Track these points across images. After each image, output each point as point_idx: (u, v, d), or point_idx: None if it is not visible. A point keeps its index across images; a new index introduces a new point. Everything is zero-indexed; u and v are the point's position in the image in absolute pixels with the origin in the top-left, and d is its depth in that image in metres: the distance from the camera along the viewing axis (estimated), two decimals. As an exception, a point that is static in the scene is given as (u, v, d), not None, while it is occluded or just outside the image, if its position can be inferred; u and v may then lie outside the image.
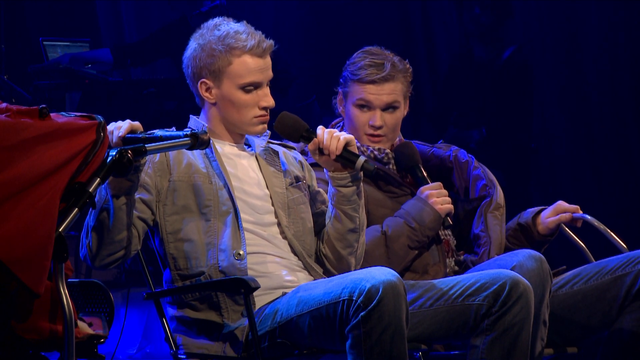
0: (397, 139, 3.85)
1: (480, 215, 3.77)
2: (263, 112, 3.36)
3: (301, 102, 6.50)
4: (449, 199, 3.66)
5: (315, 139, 3.33)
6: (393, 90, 3.75)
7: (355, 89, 3.75)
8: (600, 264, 3.60)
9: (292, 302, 3.11)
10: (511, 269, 3.30)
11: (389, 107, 3.76)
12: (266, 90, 3.37)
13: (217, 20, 3.42)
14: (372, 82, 3.73)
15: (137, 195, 3.19)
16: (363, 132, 3.76)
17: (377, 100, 3.74)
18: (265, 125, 3.39)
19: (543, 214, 3.82)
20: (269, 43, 3.37)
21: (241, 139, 3.44)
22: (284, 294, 3.20)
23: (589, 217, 3.78)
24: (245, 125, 3.37)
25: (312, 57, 7.05)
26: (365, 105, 3.76)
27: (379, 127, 3.75)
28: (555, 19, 6.94)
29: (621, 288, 3.50)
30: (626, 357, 3.47)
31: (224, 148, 3.40)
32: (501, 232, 3.75)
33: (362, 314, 2.96)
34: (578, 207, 3.79)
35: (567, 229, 3.82)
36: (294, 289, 3.19)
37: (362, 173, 3.35)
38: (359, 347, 2.97)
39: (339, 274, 3.34)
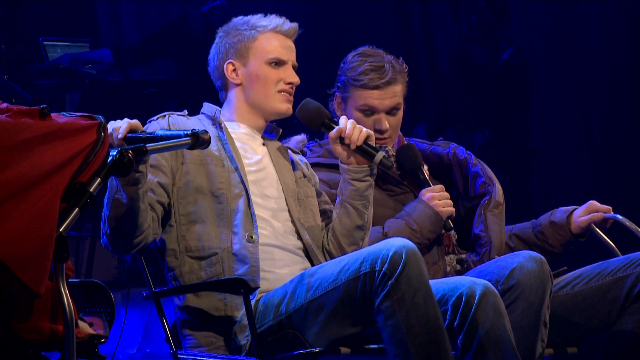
0: (397, 138, 3.86)
1: (480, 214, 3.77)
2: (288, 88, 3.41)
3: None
4: (450, 202, 3.66)
5: (338, 127, 3.36)
6: (395, 93, 3.77)
7: (358, 94, 3.76)
8: (601, 265, 3.60)
9: (301, 290, 3.07)
10: (512, 270, 3.30)
11: (392, 110, 3.77)
12: (291, 69, 3.43)
13: (240, 17, 3.48)
14: (376, 87, 3.74)
15: (155, 179, 3.22)
16: None
17: (381, 105, 3.75)
18: (290, 106, 3.43)
19: (575, 212, 3.82)
20: (293, 24, 3.47)
21: (262, 127, 3.45)
22: None
23: (620, 217, 3.78)
24: (271, 101, 3.40)
25: (312, 57, 7.04)
26: (368, 110, 3.76)
27: (385, 131, 3.76)
28: (555, 19, 6.94)
29: (622, 289, 3.50)
30: (626, 358, 3.47)
31: (239, 132, 3.41)
32: (501, 231, 3.75)
33: (390, 282, 2.90)
34: (610, 207, 3.80)
35: (597, 228, 3.82)
36: (295, 277, 3.14)
37: (375, 169, 3.37)
38: (395, 317, 2.90)
39: None
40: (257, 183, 3.34)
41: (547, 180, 6.99)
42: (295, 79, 3.43)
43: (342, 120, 3.38)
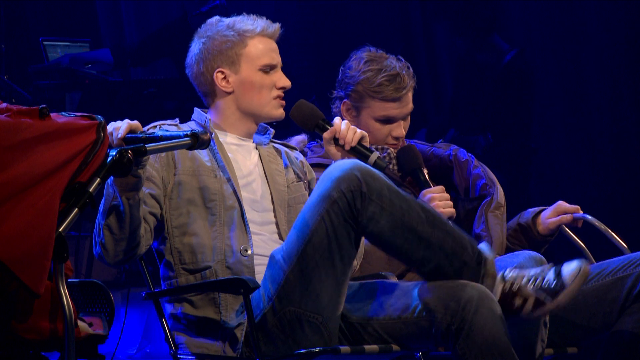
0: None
1: (481, 215, 3.77)
2: (281, 93, 3.40)
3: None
4: (451, 203, 3.66)
5: (332, 127, 3.38)
6: (409, 99, 3.82)
7: (378, 106, 3.77)
8: (601, 265, 3.60)
9: (275, 269, 3.04)
10: (511, 270, 3.29)
11: (407, 115, 3.81)
12: (281, 72, 3.41)
13: (215, 17, 3.44)
14: (397, 99, 3.76)
15: (146, 191, 3.20)
16: (384, 142, 3.80)
17: (400, 114, 3.79)
18: (283, 110, 3.41)
19: (543, 214, 3.82)
20: (276, 25, 3.43)
21: (251, 133, 3.44)
22: None
23: (589, 217, 3.78)
24: (266, 108, 3.38)
25: (312, 57, 7.05)
26: (386, 120, 3.78)
27: (402, 137, 3.80)
28: (555, 19, 6.94)
29: (622, 289, 3.50)
30: (626, 358, 3.47)
31: (228, 141, 3.40)
32: (502, 231, 3.75)
33: (363, 190, 2.94)
34: (578, 207, 3.80)
35: (567, 229, 3.83)
36: (267, 264, 3.12)
37: None
38: (385, 210, 2.95)
39: None
40: (246, 193, 3.33)
41: (547, 180, 6.98)
42: (288, 83, 3.41)
43: (336, 120, 3.40)
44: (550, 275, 2.97)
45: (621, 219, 3.82)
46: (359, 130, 3.38)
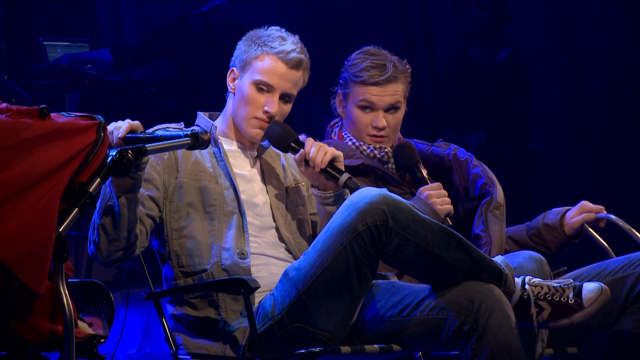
0: (397, 139, 3.86)
1: (480, 214, 3.77)
2: (263, 117, 3.35)
3: (301, 102, 6.50)
4: (448, 200, 3.66)
5: (302, 150, 3.33)
6: (395, 91, 3.76)
7: (358, 90, 3.75)
8: (601, 265, 3.60)
9: (290, 285, 3.06)
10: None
11: (391, 108, 3.77)
12: (276, 97, 3.35)
13: (269, 27, 3.43)
14: (376, 83, 3.73)
15: (145, 193, 3.20)
16: (365, 133, 3.77)
17: (380, 102, 3.75)
18: (261, 132, 3.37)
19: (568, 214, 3.82)
20: (299, 57, 3.37)
21: (251, 142, 3.43)
22: None
23: (613, 217, 3.78)
24: (245, 123, 3.37)
25: (312, 57, 7.05)
26: (367, 107, 3.76)
27: (382, 128, 3.76)
28: (555, 19, 6.95)
29: (622, 289, 3.50)
30: (626, 358, 3.47)
31: (233, 148, 3.40)
32: (501, 231, 3.75)
33: (389, 225, 2.96)
34: (602, 207, 3.79)
35: (590, 229, 3.82)
36: (280, 276, 3.13)
37: (346, 191, 3.35)
38: (410, 243, 2.97)
39: None
40: (248, 201, 3.34)
41: (547, 180, 6.99)
42: (272, 109, 3.34)
43: (307, 143, 3.35)
44: (570, 292, 3.01)
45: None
46: (329, 152, 3.32)
